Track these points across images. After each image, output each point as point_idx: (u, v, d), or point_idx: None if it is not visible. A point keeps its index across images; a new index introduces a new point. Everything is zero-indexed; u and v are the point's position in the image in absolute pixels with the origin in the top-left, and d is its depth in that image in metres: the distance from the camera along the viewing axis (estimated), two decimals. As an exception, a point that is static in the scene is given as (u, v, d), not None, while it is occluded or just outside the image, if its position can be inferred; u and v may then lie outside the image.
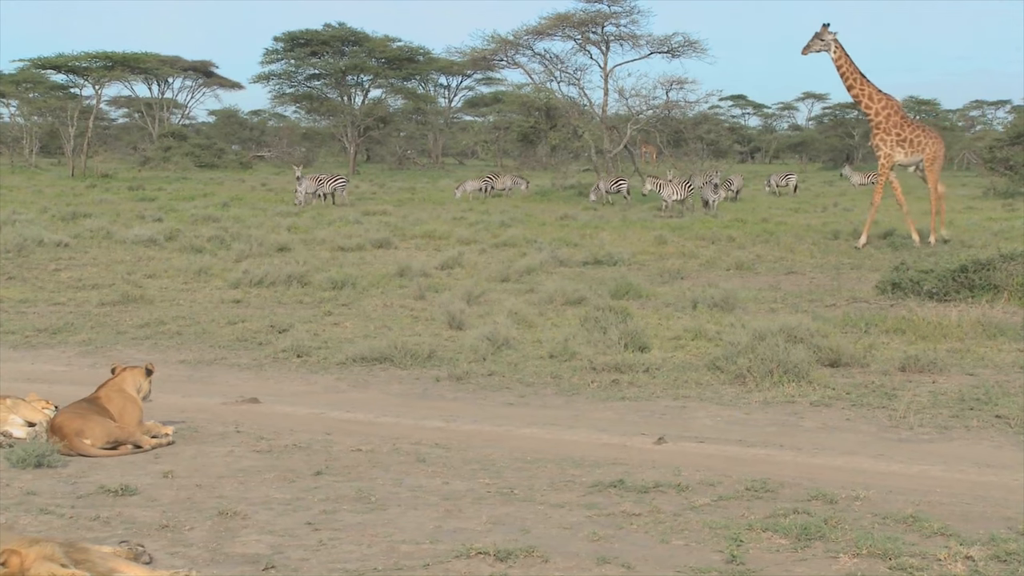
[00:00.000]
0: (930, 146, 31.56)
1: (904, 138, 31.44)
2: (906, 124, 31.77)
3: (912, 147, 31.49)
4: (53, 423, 9.94)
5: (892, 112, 31.51)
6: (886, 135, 31.51)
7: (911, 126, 31.92)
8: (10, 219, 32.35)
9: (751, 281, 22.56)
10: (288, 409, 11.93)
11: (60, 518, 8.11)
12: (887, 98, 31.83)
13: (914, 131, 31.70)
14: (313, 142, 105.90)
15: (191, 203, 43.98)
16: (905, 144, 31.43)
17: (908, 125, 31.83)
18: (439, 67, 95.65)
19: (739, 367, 13.11)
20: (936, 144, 31.75)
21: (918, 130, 31.91)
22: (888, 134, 31.49)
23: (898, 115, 31.64)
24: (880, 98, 31.61)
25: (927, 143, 31.52)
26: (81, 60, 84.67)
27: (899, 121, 31.55)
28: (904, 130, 31.50)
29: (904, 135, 31.44)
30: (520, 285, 21.39)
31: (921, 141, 31.51)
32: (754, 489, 8.90)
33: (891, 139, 31.44)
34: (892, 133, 31.44)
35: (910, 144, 31.46)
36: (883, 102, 31.58)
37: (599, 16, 62.03)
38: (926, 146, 31.50)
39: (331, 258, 25.69)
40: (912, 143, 31.46)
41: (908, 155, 31.58)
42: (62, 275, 22.48)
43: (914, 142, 31.47)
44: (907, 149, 31.48)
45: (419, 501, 8.63)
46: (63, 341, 15.91)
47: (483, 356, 14.35)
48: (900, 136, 31.42)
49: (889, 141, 31.45)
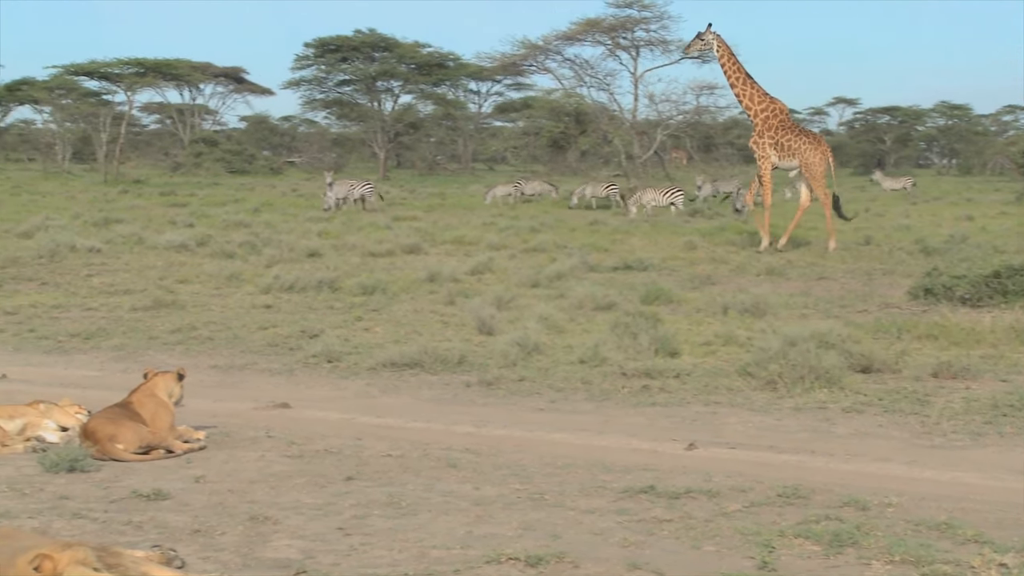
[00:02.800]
0: (806, 153, 31.49)
1: (778, 142, 31.64)
2: (784, 128, 31.85)
3: (785, 152, 31.67)
4: (86, 428, 9.98)
5: (771, 115, 31.77)
6: (759, 138, 31.89)
7: (789, 131, 31.90)
8: (43, 225, 32.52)
9: (782, 286, 22.48)
10: (319, 414, 11.94)
11: (93, 522, 8.14)
12: (770, 101, 32.14)
13: (791, 136, 31.74)
14: (343, 148, 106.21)
15: (222, 209, 44.14)
16: (779, 148, 31.65)
17: (786, 130, 31.86)
18: (469, 72, 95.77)
19: (770, 373, 13.07)
20: (813, 151, 31.56)
21: (797, 135, 31.89)
22: (762, 136, 31.87)
23: (777, 119, 31.87)
24: (761, 100, 31.95)
25: (803, 149, 31.51)
26: (114, 67, 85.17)
27: (776, 125, 31.79)
28: (779, 134, 31.70)
29: (778, 139, 31.65)
30: (550, 290, 21.36)
31: (796, 147, 31.57)
32: (786, 495, 8.87)
33: (764, 141, 31.76)
34: (766, 136, 31.77)
35: (784, 149, 31.65)
36: (763, 104, 31.95)
37: (629, 21, 61.95)
38: (801, 152, 31.52)
39: (362, 263, 25.72)
40: (786, 148, 31.63)
41: (782, 159, 31.81)
42: (94, 280, 22.58)
43: (788, 147, 31.61)
44: (781, 153, 31.70)
45: (450, 506, 8.62)
46: (96, 346, 15.97)
47: (513, 361, 14.34)
48: (774, 140, 31.66)
49: (763, 144, 31.78)
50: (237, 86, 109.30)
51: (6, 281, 22.27)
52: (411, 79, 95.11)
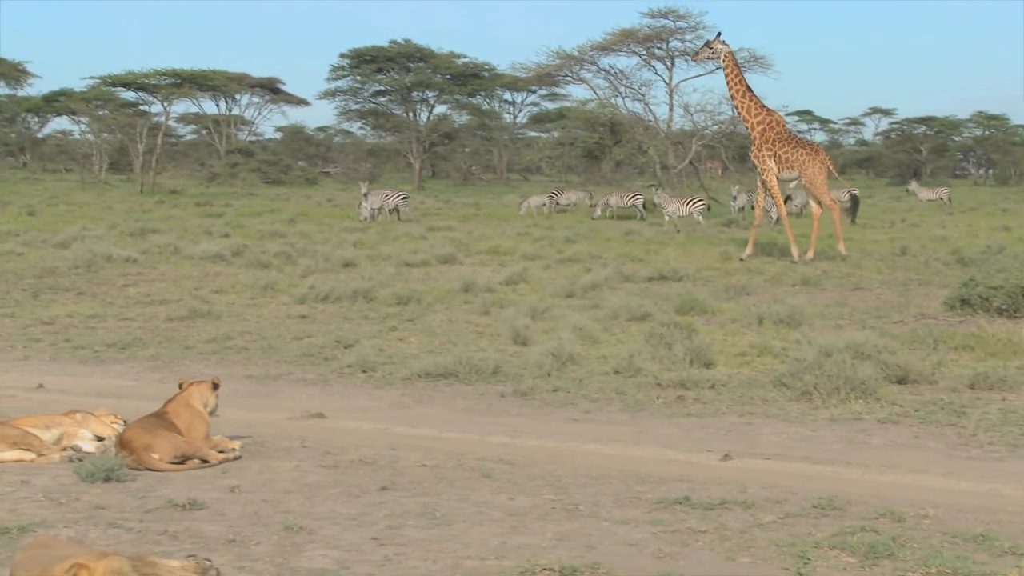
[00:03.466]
0: (805, 164, 31.73)
1: (776, 154, 31.88)
2: (781, 140, 32.05)
3: (784, 163, 31.89)
4: (122, 437, 10.02)
5: (768, 128, 32.08)
6: (758, 150, 32.18)
7: (787, 143, 32.07)
8: (80, 235, 32.73)
9: (817, 297, 22.40)
10: (354, 424, 11.96)
11: (128, 532, 8.17)
12: (767, 113, 32.47)
13: (788, 148, 31.91)
14: (379, 158, 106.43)
15: (258, 219, 44.31)
16: (778, 160, 31.91)
17: (783, 142, 32.05)
18: (504, 83, 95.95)
19: (805, 384, 13.02)
20: (811, 162, 31.74)
21: (794, 147, 32.04)
22: (760, 149, 32.14)
23: (774, 131, 32.13)
24: (758, 112, 32.30)
25: (802, 161, 31.73)
26: (150, 77, 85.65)
27: (774, 137, 32.04)
28: (776, 146, 31.92)
29: (776, 151, 31.88)
30: (585, 301, 21.35)
31: (794, 158, 31.79)
32: (821, 507, 8.83)
33: (763, 154, 32.03)
34: (764, 148, 32.03)
35: (783, 161, 31.88)
36: (760, 116, 32.27)
37: (664, 31, 62.06)
38: (800, 164, 31.75)
39: (396, 273, 25.77)
40: (784, 160, 31.86)
41: (781, 171, 32.00)
42: (131, 290, 22.69)
43: (786, 159, 31.83)
44: (780, 165, 31.94)
45: (484, 517, 8.62)
46: (131, 356, 16.05)
47: (548, 372, 14.34)
48: (772, 152, 31.91)
49: (762, 156, 32.05)
50: (273, 96, 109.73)
51: (43, 291, 22.40)
52: (446, 89, 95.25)
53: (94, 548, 7.10)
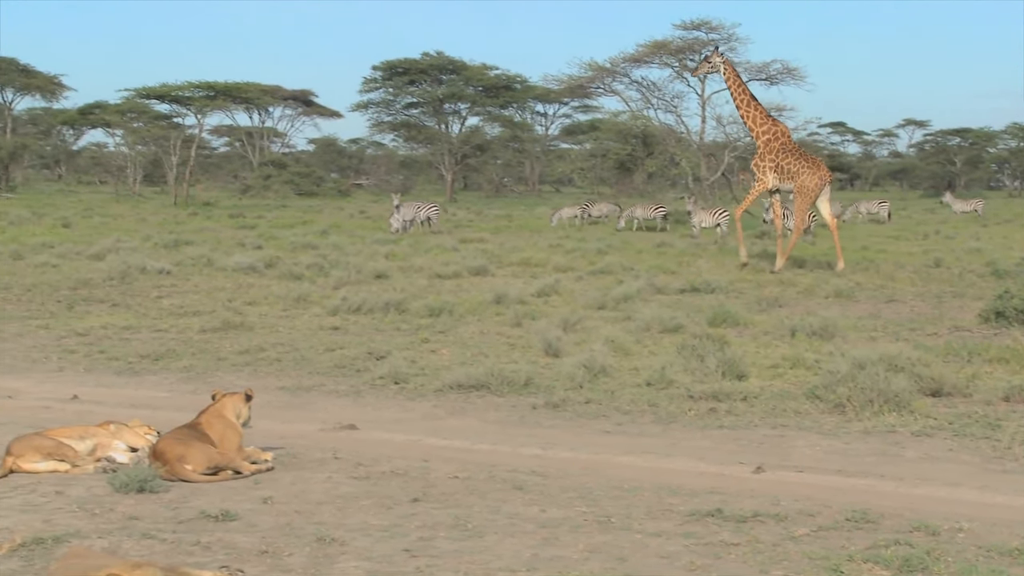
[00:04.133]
0: (803, 176, 31.75)
1: (778, 164, 32.03)
2: (785, 151, 32.16)
3: (785, 174, 32.01)
4: (155, 449, 10.05)
5: (772, 138, 32.30)
6: (760, 160, 32.37)
7: (790, 154, 32.17)
8: (114, 247, 32.92)
9: (850, 309, 22.32)
10: (386, 436, 11.97)
11: (162, 543, 8.20)
12: (772, 123, 32.70)
13: (791, 159, 32.02)
14: (411, 170, 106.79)
15: (290, 231, 44.46)
16: (779, 171, 32.05)
17: (787, 152, 32.16)
18: (536, 95, 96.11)
19: (839, 396, 12.97)
20: (811, 174, 31.76)
21: (797, 159, 32.13)
22: (763, 159, 32.30)
23: (779, 141, 32.28)
24: (763, 122, 32.50)
25: (801, 172, 31.79)
26: (184, 90, 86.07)
27: (778, 147, 32.18)
28: (779, 156, 32.07)
29: (779, 161, 32.03)
30: (617, 313, 21.32)
31: (794, 170, 31.87)
32: (855, 519, 8.79)
33: (764, 164, 32.21)
34: (766, 159, 32.19)
35: (784, 171, 31.99)
36: (766, 126, 32.46)
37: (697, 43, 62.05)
38: (798, 175, 31.80)
39: (428, 285, 25.79)
40: (785, 170, 31.96)
41: (781, 181, 32.14)
42: (164, 302, 22.78)
43: (787, 169, 31.93)
44: (781, 176, 32.07)
45: (516, 529, 8.62)
46: (165, 367, 16.11)
47: (580, 384, 14.32)
48: (775, 162, 32.06)
49: (763, 166, 32.23)
50: (306, 109, 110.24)
51: (78, 303, 22.52)
52: (478, 101, 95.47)
53: (128, 558, 7.13)
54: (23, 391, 14.25)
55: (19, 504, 9.13)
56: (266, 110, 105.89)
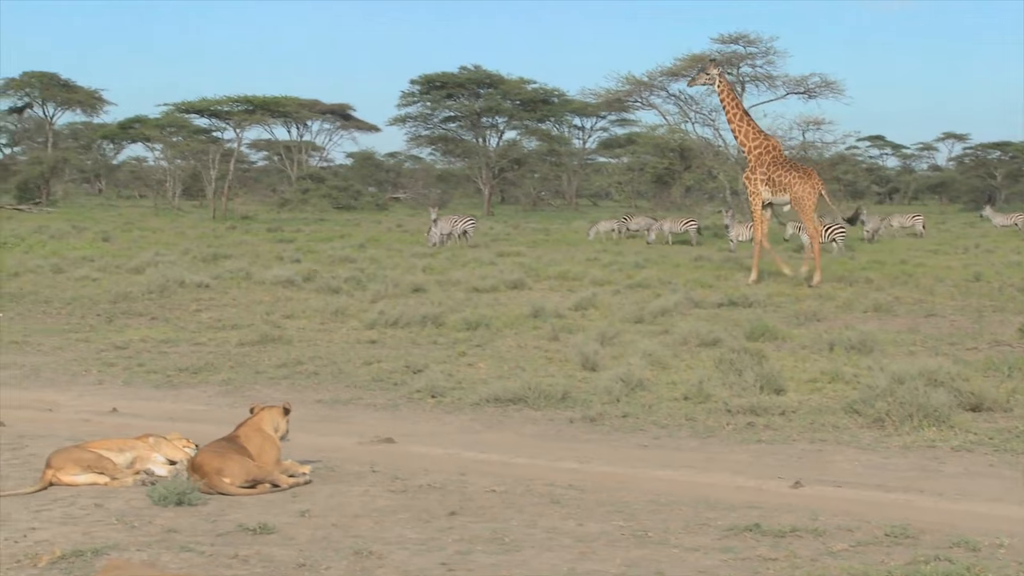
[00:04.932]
0: (797, 188, 31.88)
1: (770, 178, 32.12)
2: (776, 164, 32.27)
3: (777, 187, 32.10)
4: (194, 461, 10.09)
5: (764, 152, 32.44)
6: (752, 173, 32.47)
7: (781, 167, 32.27)
8: (154, 260, 33.10)
9: (889, 323, 22.20)
10: (423, 449, 11.98)
11: (200, 555, 8.22)
12: (764, 137, 32.85)
13: (782, 172, 32.12)
14: (448, 183, 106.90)
15: (328, 244, 44.59)
16: (771, 184, 32.14)
17: (778, 165, 32.26)
18: (573, 108, 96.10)
19: (877, 411, 12.91)
20: (803, 184, 31.89)
21: (788, 171, 32.23)
22: (754, 172, 32.41)
23: (770, 155, 32.41)
24: (755, 136, 32.65)
25: (793, 183, 31.89)
26: (223, 104, 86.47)
27: (769, 161, 32.30)
28: (771, 170, 32.16)
29: (770, 175, 32.11)
30: (654, 326, 21.28)
31: (787, 182, 31.98)
32: (894, 535, 8.75)
33: (756, 177, 32.31)
34: (757, 172, 32.31)
35: (776, 184, 32.09)
36: (757, 140, 32.62)
37: (735, 57, 61.96)
38: (792, 187, 31.91)
39: (465, 299, 25.79)
40: (777, 183, 32.06)
41: (773, 194, 32.25)
42: (203, 315, 22.88)
43: (779, 182, 32.03)
44: (772, 188, 32.18)
45: (553, 543, 8.61)
46: (203, 380, 16.17)
47: (617, 398, 14.30)
48: (766, 176, 32.16)
49: (754, 179, 32.33)
50: (344, 123, 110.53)
51: (117, 316, 22.65)
52: (516, 115, 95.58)
53: (167, 571, 7.16)
54: (63, 404, 14.34)
55: (59, 516, 9.18)
56: (304, 124, 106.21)
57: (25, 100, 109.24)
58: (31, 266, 31.57)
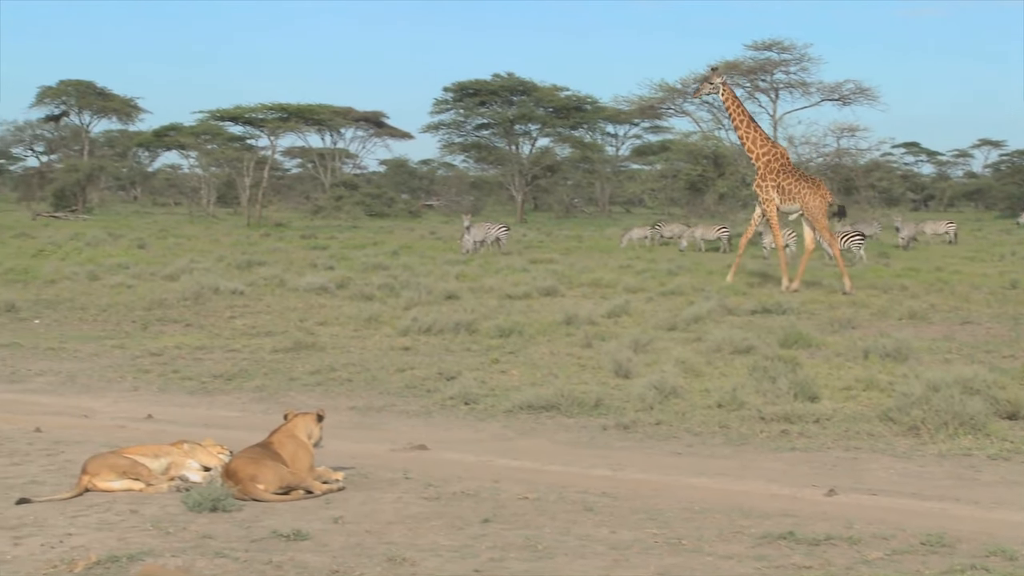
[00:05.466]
0: (807, 197, 32.10)
1: (779, 185, 32.27)
2: (785, 172, 32.42)
3: (787, 195, 32.28)
4: (228, 468, 10.12)
5: (772, 159, 32.57)
6: (762, 181, 32.57)
7: (790, 175, 32.45)
8: (188, 267, 33.22)
9: (925, 331, 22.10)
10: (456, 456, 11.98)
11: (235, 561, 8.25)
12: (771, 145, 33.06)
13: (792, 180, 32.32)
14: (481, 191, 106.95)
15: (362, 251, 44.66)
16: (781, 191, 32.31)
17: (787, 174, 32.43)
18: (607, 116, 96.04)
19: (913, 419, 12.85)
20: (813, 195, 32.12)
21: (797, 180, 32.44)
22: (764, 180, 32.51)
23: (779, 162, 32.54)
24: (763, 144, 32.79)
25: (804, 193, 32.10)
26: (257, 112, 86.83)
27: (778, 168, 32.45)
28: (780, 177, 32.32)
29: (780, 182, 32.28)
30: (687, 334, 21.23)
31: (797, 191, 32.17)
32: (930, 543, 8.70)
33: (767, 184, 32.42)
34: (768, 179, 32.42)
35: (785, 192, 32.26)
36: (765, 147, 32.75)
37: (768, 64, 61.85)
38: (802, 196, 32.13)
39: (498, 306, 25.79)
40: (787, 191, 32.24)
41: (783, 202, 32.39)
42: (237, 322, 22.95)
43: (788, 190, 32.21)
44: (783, 196, 32.33)
45: (586, 550, 8.59)
46: (238, 387, 16.22)
47: (650, 405, 14.27)
48: (776, 183, 32.30)
49: (766, 187, 32.45)
50: (377, 130, 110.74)
51: (152, 323, 22.75)
52: (549, 122, 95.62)
53: (200, 577, 7.18)
54: (99, 410, 14.42)
55: (94, 522, 9.22)
56: (338, 131, 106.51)
57: (62, 108, 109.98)
58: (67, 273, 31.74)
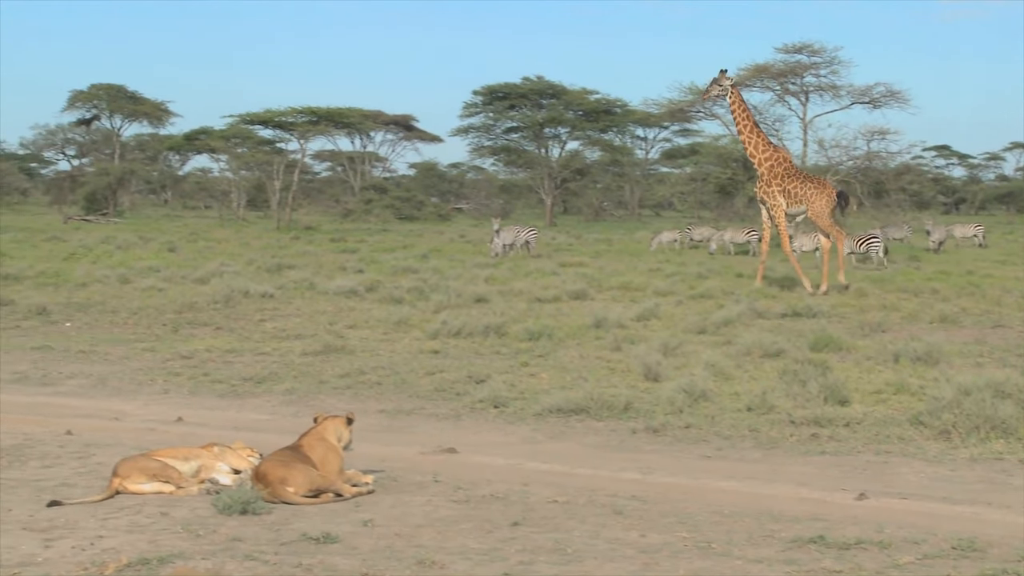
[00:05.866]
0: (813, 198, 32.37)
1: (785, 189, 32.50)
2: (789, 176, 32.66)
3: (793, 198, 32.52)
4: (257, 471, 10.15)
5: (776, 164, 32.77)
6: (767, 186, 32.77)
7: (795, 178, 32.70)
8: (218, 271, 33.33)
9: (956, 335, 22.00)
10: (485, 459, 11.98)
11: (264, 564, 8.27)
12: (774, 149, 33.37)
13: (797, 183, 32.57)
14: (510, 194, 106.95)
15: (391, 255, 44.73)
16: (787, 195, 32.53)
17: (792, 177, 32.67)
18: (636, 119, 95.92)
19: (944, 422, 12.79)
20: (819, 196, 32.40)
21: (803, 182, 32.71)
22: (769, 185, 32.71)
23: (782, 166, 32.76)
24: (766, 148, 33.05)
25: (810, 195, 32.36)
26: (287, 115, 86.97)
27: (782, 172, 32.65)
28: (785, 181, 32.54)
29: (785, 186, 32.50)
30: (717, 337, 21.19)
31: (803, 193, 32.43)
32: (961, 548, 8.66)
33: (773, 189, 32.64)
34: (774, 185, 32.62)
35: (792, 195, 32.49)
36: (768, 152, 33.00)
37: (799, 67, 61.75)
38: (808, 198, 32.38)
39: (528, 309, 25.79)
40: (793, 194, 32.48)
41: (790, 205, 32.64)
42: (267, 325, 23.01)
43: (795, 193, 32.46)
44: (789, 200, 32.56)
45: (616, 554, 8.58)
46: (268, 390, 16.25)
47: (680, 408, 14.25)
48: (781, 187, 32.53)
49: (772, 192, 32.66)
50: (407, 133, 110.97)
51: (183, 326, 22.83)
52: (578, 126, 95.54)
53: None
54: (129, 413, 14.48)
55: (125, 525, 9.26)
56: (368, 135, 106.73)
57: (93, 112, 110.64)
58: (98, 276, 31.88)
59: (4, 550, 8.56)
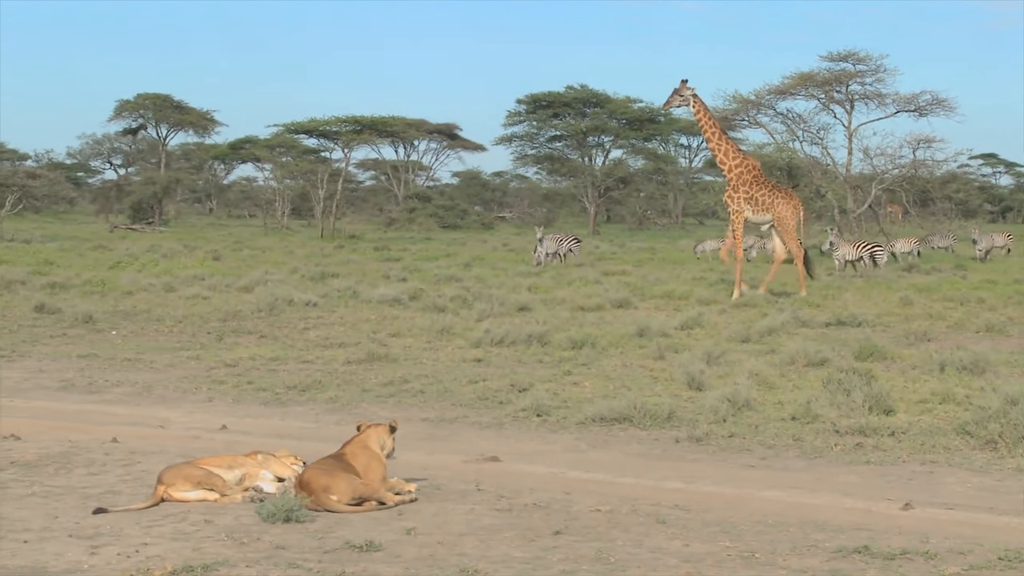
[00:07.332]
0: (780, 207, 32.40)
1: (752, 196, 32.46)
2: (757, 184, 32.60)
3: (759, 206, 32.52)
4: (301, 479, 10.18)
5: (745, 171, 32.73)
6: (734, 192, 32.81)
7: (763, 186, 32.67)
8: (263, 279, 33.46)
9: (1003, 344, 21.84)
10: (528, 468, 11.98)
11: (308, 572, 8.29)
12: (743, 156, 33.30)
13: (764, 191, 32.58)
14: (554, 203, 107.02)
15: (434, 263, 44.82)
16: (753, 203, 32.48)
17: (759, 185, 32.63)
18: (680, 127, 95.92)
19: (990, 432, 12.69)
20: (785, 205, 32.44)
21: (770, 191, 32.75)
22: (736, 192, 32.73)
23: (751, 174, 32.70)
24: (735, 155, 32.96)
25: (776, 204, 32.38)
26: (331, 124, 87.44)
27: (750, 180, 32.60)
28: (753, 189, 32.51)
29: (752, 194, 32.47)
30: (761, 346, 21.11)
31: (769, 201, 32.43)
32: (1007, 559, 8.59)
33: (739, 196, 32.61)
34: (740, 191, 32.60)
35: (758, 203, 32.48)
36: (737, 159, 32.92)
37: (844, 75, 61.48)
38: (774, 207, 32.40)
39: (571, 318, 25.76)
40: (759, 202, 32.47)
41: (755, 213, 32.68)
42: (310, 334, 23.08)
43: (762, 202, 32.47)
44: (755, 207, 32.54)
45: (659, 563, 8.56)
46: (311, 398, 16.29)
47: (723, 417, 14.20)
48: (748, 195, 32.49)
49: (737, 198, 32.65)
50: (450, 142, 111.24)
51: (227, 334, 22.93)
52: (622, 134, 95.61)
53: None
54: (174, 421, 14.55)
55: (170, 532, 9.31)
56: (411, 144, 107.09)
57: (139, 121, 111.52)
58: (144, 284, 32.07)
59: (51, 557, 8.63)
